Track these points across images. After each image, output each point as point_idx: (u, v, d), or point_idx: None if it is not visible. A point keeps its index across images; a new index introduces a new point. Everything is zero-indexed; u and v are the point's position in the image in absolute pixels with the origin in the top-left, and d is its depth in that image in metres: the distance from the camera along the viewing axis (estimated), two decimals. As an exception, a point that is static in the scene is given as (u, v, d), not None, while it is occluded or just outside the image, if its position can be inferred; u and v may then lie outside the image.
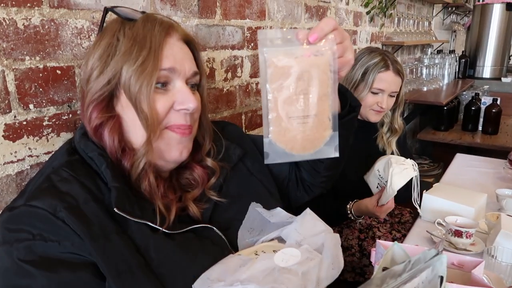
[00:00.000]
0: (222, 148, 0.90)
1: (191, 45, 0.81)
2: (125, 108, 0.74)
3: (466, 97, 3.54)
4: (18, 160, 0.86)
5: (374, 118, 1.57)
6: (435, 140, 3.25)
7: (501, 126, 3.19)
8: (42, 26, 0.86)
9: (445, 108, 3.23)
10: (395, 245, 0.73)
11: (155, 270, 0.67)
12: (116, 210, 0.67)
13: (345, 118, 0.83)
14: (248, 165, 0.94)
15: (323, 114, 0.65)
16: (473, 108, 3.25)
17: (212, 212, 0.82)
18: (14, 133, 0.84)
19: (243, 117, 1.59)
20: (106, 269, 0.64)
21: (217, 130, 0.91)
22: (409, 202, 1.42)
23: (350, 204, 1.48)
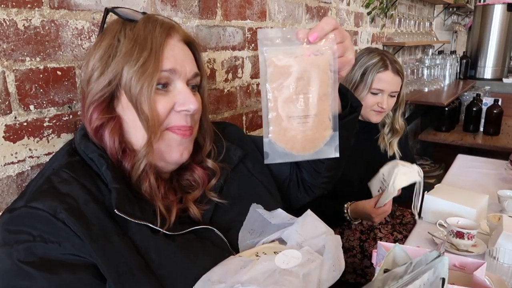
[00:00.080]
0: (222, 149, 0.90)
1: (192, 46, 0.81)
2: (125, 109, 0.74)
3: (468, 98, 3.55)
4: (19, 161, 0.86)
5: (375, 118, 1.57)
6: (436, 141, 3.25)
7: (502, 127, 3.18)
8: (43, 27, 0.86)
9: (446, 109, 3.22)
10: (397, 246, 0.73)
11: (156, 271, 0.67)
12: (116, 211, 0.67)
13: (346, 119, 0.82)
14: (248, 166, 0.94)
15: (323, 114, 0.65)
16: (474, 109, 3.24)
17: (212, 213, 0.82)
18: (14, 134, 0.84)
19: (244, 118, 1.59)
20: (107, 270, 0.64)
21: (217, 131, 0.91)
22: (410, 202, 1.41)
23: (348, 204, 1.48)
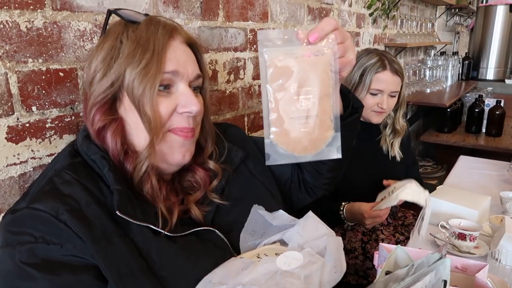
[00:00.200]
0: (224, 150, 0.90)
1: (194, 47, 0.81)
2: (128, 110, 0.74)
3: (470, 99, 3.54)
4: (21, 162, 0.86)
5: (376, 119, 1.57)
6: (439, 142, 3.24)
7: (504, 128, 3.17)
8: (45, 28, 0.86)
9: (448, 110, 3.22)
10: (398, 248, 0.73)
11: (157, 273, 0.67)
12: (118, 213, 0.67)
13: (347, 120, 0.82)
14: (250, 167, 0.94)
15: (325, 114, 0.65)
16: (476, 110, 3.24)
17: (214, 214, 0.82)
18: (17, 135, 0.84)
19: (246, 119, 1.59)
20: (108, 272, 0.64)
21: (219, 132, 0.91)
22: (412, 203, 1.41)
23: (345, 203, 1.48)
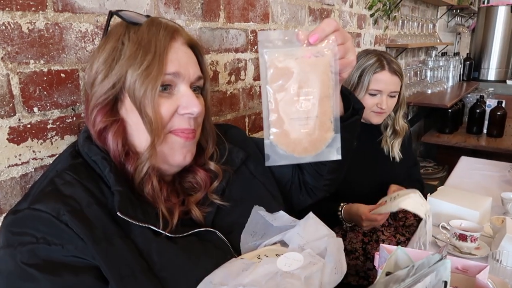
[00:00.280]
0: (225, 151, 0.90)
1: (196, 49, 0.81)
2: (129, 112, 0.74)
3: (471, 99, 3.53)
4: (23, 163, 0.86)
5: (376, 120, 1.57)
6: (440, 143, 3.24)
7: (506, 128, 3.17)
8: (47, 29, 0.87)
9: (449, 110, 3.21)
10: (399, 249, 0.73)
11: (158, 274, 0.67)
12: (119, 214, 0.67)
13: (348, 121, 0.82)
14: (251, 168, 0.94)
15: (325, 115, 0.65)
16: (478, 110, 3.23)
17: (215, 215, 0.82)
18: (18, 136, 0.85)
19: (247, 119, 1.59)
20: (109, 272, 0.64)
21: (220, 133, 0.91)
22: None
23: (344, 204, 1.48)
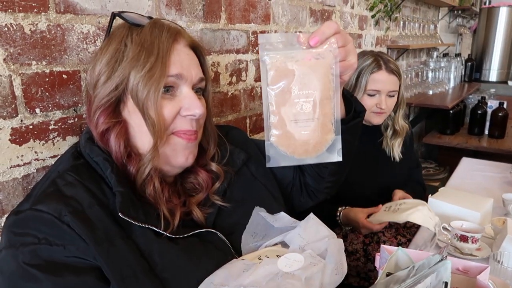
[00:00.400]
0: (226, 152, 0.90)
1: (197, 51, 0.82)
2: (131, 113, 0.75)
3: (472, 100, 3.53)
4: (25, 163, 0.87)
5: (376, 120, 1.57)
6: (441, 144, 3.24)
7: (507, 130, 3.16)
8: (49, 31, 0.87)
9: (451, 111, 3.21)
10: (399, 250, 0.73)
11: (159, 274, 0.67)
12: (120, 214, 0.67)
13: (350, 123, 0.82)
14: (252, 169, 0.94)
15: (326, 117, 0.65)
16: (479, 111, 3.23)
17: (216, 216, 0.82)
18: (20, 137, 0.85)
19: (248, 120, 1.60)
20: (111, 273, 0.64)
21: (221, 134, 0.92)
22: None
23: (342, 208, 1.48)
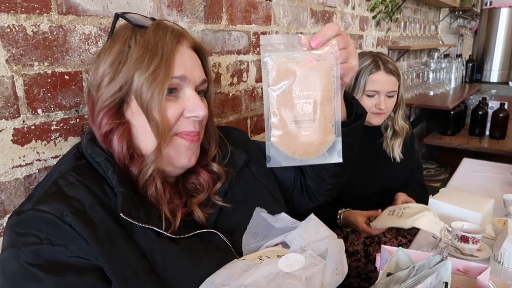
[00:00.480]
0: (227, 153, 0.90)
1: (200, 52, 0.82)
2: (135, 114, 0.75)
3: (473, 101, 3.53)
4: (27, 164, 0.87)
5: (376, 121, 1.57)
6: (442, 144, 3.24)
7: (508, 130, 3.16)
8: (51, 32, 0.88)
9: (452, 112, 3.21)
10: (400, 250, 0.73)
11: (160, 274, 0.68)
12: (122, 215, 0.67)
13: (351, 126, 0.83)
14: (253, 170, 0.94)
15: (326, 118, 0.66)
16: (480, 112, 3.23)
17: (217, 217, 0.82)
18: (22, 137, 0.85)
19: (249, 121, 1.60)
20: (112, 273, 0.65)
21: (222, 135, 0.92)
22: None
23: (342, 210, 1.49)
